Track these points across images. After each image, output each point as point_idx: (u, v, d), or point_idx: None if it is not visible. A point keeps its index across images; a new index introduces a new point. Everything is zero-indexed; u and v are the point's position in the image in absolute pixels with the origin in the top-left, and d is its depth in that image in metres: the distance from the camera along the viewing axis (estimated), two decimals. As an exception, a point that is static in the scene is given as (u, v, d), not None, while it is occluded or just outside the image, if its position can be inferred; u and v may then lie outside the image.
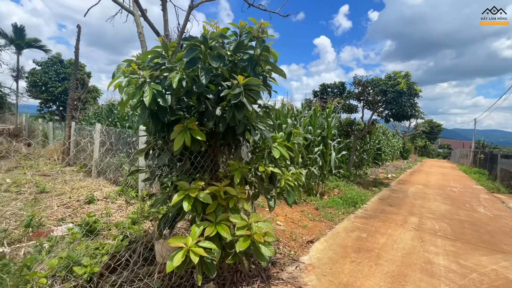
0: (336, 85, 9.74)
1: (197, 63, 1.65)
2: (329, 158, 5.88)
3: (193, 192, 1.79)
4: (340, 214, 4.78)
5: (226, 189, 1.94)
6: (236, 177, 2.02)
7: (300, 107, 7.16)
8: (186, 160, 2.13)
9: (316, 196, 5.79)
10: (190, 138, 1.83)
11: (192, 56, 1.60)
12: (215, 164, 2.38)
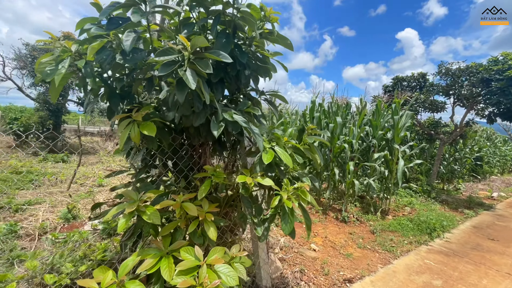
0: (415, 77, 7.87)
1: (118, 25, 1.14)
2: (395, 168, 4.57)
3: (131, 206, 1.29)
4: (405, 244, 3.54)
5: (184, 205, 1.37)
6: (203, 189, 1.43)
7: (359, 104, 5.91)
8: (158, 161, 1.66)
9: (376, 214, 4.57)
10: (139, 133, 1.35)
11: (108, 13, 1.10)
12: (200, 169, 1.84)
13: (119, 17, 1.15)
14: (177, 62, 1.09)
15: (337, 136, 4.50)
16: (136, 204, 1.30)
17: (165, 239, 1.40)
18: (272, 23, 1.59)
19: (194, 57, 1.13)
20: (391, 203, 5.31)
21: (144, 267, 1.22)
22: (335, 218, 4.35)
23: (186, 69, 1.08)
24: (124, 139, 1.34)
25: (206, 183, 1.46)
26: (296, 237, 3.49)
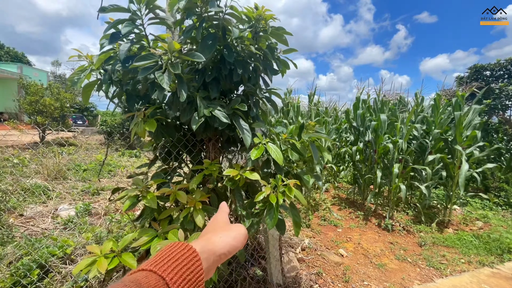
0: (501, 65, 6.46)
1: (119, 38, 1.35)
2: (458, 172, 3.87)
3: (134, 191, 1.52)
4: (461, 263, 2.99)
5: (177, 193, 1.53)
6: (194, 180, 1.56)
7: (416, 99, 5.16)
8: (161, 153, 1.89)
9: (431, 226, 3.97)
10: (144, 129, 1.58)
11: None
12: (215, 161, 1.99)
13: (119, 32, 1.37)
14: (157, 65, 1.25)
15: (382, 135, 4.09)
16: (139, 190, 1.53)
17: (163, 223, 1.59)
18: (266, 20, 1.63)
19: (173, 60, 1.27)
20: (457, 215, 4.52)
21: (138, 243, 1.42)
22: (377, 225, 3.97)
23: (164, 71, 1.22)
24: (133, 134, 1.59)
25: (199, 175, 1.60)
26: (326, 241, 3.34)
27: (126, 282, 0.31)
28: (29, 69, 23.65)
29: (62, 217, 3.57)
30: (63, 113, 9.91)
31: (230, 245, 0.43)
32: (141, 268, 0.35)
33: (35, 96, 9.01)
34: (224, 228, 0.47)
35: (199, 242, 0.42)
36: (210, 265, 0.40)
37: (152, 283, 0.32)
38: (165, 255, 0.37)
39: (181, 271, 0.35)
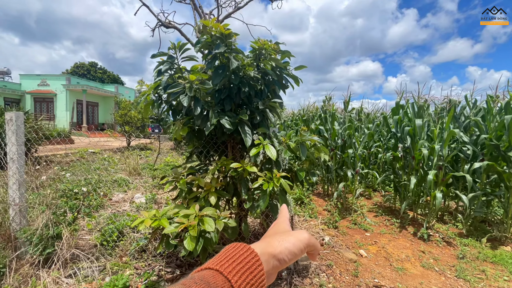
0: None
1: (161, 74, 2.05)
2: (513, 183, 3.46)
3: (171, 178, 2.18)
4: (503, 280, 2.76)
5: (199, 180, 2.12)
6: (211, 170, 2.13)
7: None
8: (194, 152, 2.53)
9: (480, 240, 3.62)
10: (179, 134, 2.24)
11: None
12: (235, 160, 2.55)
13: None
14: (183, 90, 1.87)
15: (418, 140, 3.97)
16: (175, 177, 2.18)
17: (190, 201, 2.20)
18: (267, 49, 2.11)
19: (193, 86, 1.87)
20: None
21: (171, 212, 2.06)
22: (413, 234, 3.84)
23: (186, 94, 1.84)
24: (173, 137, 2.27)
25: (214, 167, 2.16)
26: (349, 242, 3.49)
27: (196, 280, 0.32)
28: (122, 88, 29.05)
29: (136, 203, 4.64)
30: (143, 123, 12.13)
31: (289, 251, 0.42)
32: (208, 266, 0.36)
33: (125, 110, 11.34)
34: (284, 233, 0.46)
35: (259, 245, 0.41)
36: (270, 269, 0.40)
37: (219, 284, 0.33)
38: (229, 255, 0.37)
39: (244, 275, 0.35)
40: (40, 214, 2.47)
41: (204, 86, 1.83)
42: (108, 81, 34.89)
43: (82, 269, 2.40)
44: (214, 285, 0.32)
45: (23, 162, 2.63)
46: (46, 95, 23.01)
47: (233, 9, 8.83)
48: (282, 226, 0.50)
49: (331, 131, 4.94)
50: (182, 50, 2.00)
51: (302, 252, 0.44)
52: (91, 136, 17.76)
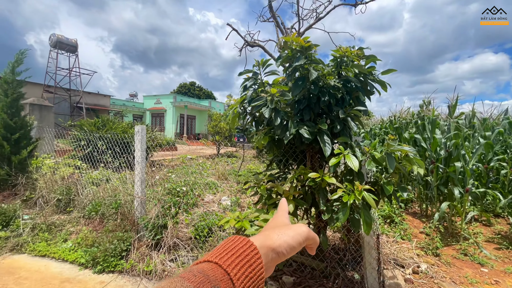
0: None
1: (247, 89, 2.25)
2: None
3: (253, 183, 2.35)
4: None
5: (277, 187, 2.20)
6: (289, 178, 2.18)
7: None
8: (275, 161, 2.65)
9: None
10: (261, 143, 2.42)
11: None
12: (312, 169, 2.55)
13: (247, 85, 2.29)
14: (264, 103, 2.02)
15: None
16: (256, 183, 2.35)
17: (269, 207, 2.31)
18: (349, 57, 2.05)
19: (274, 99, 2.00)
20: None
21: (252, 216, 2.22)
22: (562, 280, 2.82)
23: (267, 106, 1.98)
24: (255, 146, 2.46)
25: (292, 176, 2.20)
26: (455, 275, 2.86)
27: (195, 272, 0.32)
28: (214, 102, 33.00)
29: (223, 204, 5.15)
30: (230, 133, 13.41)
31: (288, 244, 0.42)
32: (207, 259, 0.36)
33: (215, 122, 12.86)
34: (283, 226, 0.46)
35: (259, 238, 0.42)
36: (268, 261, 0.40)
37: (218, 277, 0.33)
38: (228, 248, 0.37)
39: (243, 268, 0.35)
40: (153, 206, 3.08)
41: (284, 97, 1.93)
42: (203, 97, 40.33)
43: (180, 256, 2.85)
44: (213, 278, 0.33)
45: (144, 165, 3.37)
46: (159, 111, 28.56)
47: (314, 20, 8.86)
48: (281, 220, 0.51)
49: (430, 140, 4.22)
50: (265, 66, 2.17)
51: (300, 246, 0.44)
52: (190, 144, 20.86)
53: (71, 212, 3.71)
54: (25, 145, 4.15)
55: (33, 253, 2.78)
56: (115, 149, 5.45)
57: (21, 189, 3.98)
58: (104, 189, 3.86)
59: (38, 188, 3.98)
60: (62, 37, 20.50)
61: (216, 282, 0.32)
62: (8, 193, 3.94)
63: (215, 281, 0.32)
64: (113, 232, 3.03)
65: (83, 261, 2.64)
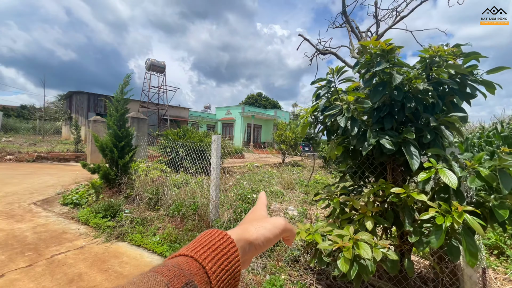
0: None
1: (320, 97, 2.17)
2: None
3: (324, 195, 2.24)
4: None
5: (353, 201, 2.03)
6: (366, 193, 1.99)
7: None
8: (348, 172, 2.48)
9: None
10: (334, 153, 2.31)
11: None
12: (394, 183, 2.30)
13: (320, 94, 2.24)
14: (340, 112, 1.93)
15: None
16: (328, 195, 2.25)
17: (343, 222, 2.16)
18: (441, 56, 1.79)
19: (351, 106, 1.89)
20: None
21: (324, 230, 2.11)
22: None
23: (343, 115, 1.88)
24: (328, 156, 2.37)
25: (370, 190, 2.01)
26: None
27: (169, 266, 0.32)
28: (279, 111, 33.51)
29: (289, 214, 5.10)
30: (296, 142, 13.32)
31: (265, 237, 0.43)
32: (182, 253, 0.35)
33: (281, 131, 13.00)
34: (261, 219, 0.47)
35: (236, 231, 0.42)
36: (246, 254, 0.40)
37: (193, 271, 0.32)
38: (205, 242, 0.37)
39: (220, 261, 0.35)
40: (226, 210, 3.28)
41: (361, 105, 1.80)
42: (269, 107, 41.45)
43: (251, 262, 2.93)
44: (188, 272, 0.32)
45: (219, 171, 3.64)
46: (229, 121, 30.69)
47: (393, 21, 8.06)
48: (259, 213, 0.50)
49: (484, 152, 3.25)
50: (339, 73, 2.09)
51: (277, 238, 0.45)
52: (256, 152, 21.64)
53: (158, 210, 4.28)
54: (127, 151, 5.05)
55: (131, 242, 3.31)
56: (193, 155, 6.08)
57: (124, 188, 4.83)
58: (185, 192, 4.32)
59: (135, 188, 4.75)
60: (154, 61, 24.46)
61: (191, 276, 0.32)
62: (115, 190, 4.84)
63: (190, 275, 0.32)
64: (191, 232, 3.35)
65: (168, 254, 2.99)
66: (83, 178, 6.99)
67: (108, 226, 3.63)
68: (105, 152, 4.92)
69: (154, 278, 0.29)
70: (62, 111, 26.32)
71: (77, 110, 23.68)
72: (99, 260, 2.82)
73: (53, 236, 3.41)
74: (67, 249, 3.05)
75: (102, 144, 4.92)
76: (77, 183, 6.48)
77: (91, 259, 2.85)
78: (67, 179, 7.00)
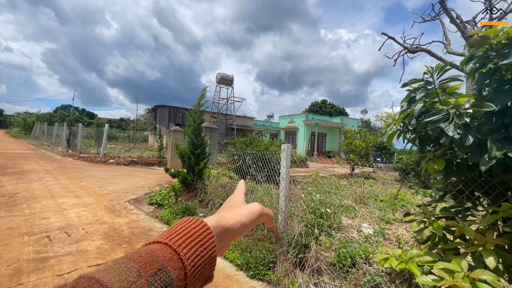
0: None
1: (414, 101, 1.83)
2: None
3: (420, 217, 1.88)
4: None
5: (463, 228, 1.61)
6: (486, 220, 1.55)
7: None
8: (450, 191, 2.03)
9: None
10: (432, 167, 1.94)
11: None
12: None
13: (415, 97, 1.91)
14: (444, 117, 1.60)
15: None
16: (425, 217, 1.88)
17: (448, 252, 1.76)
18: None
19: (461, 111, 1.54)
20: None
21: (422, 259, 1.75)
22: None
23: (451, 122, 1.55)
24: (423, 170, 2.01)
25: (491, 216, 1.57)
26: None
27: (142, 253, 0.31)
28: (346, 119, 31.62)
29: (364, 232, 4.59)
30: (367, 152, 12.19)
31: (241, 223, 0.44)
32: (156, 240, 0.35)
33: (350, 139, 12.11)
34: (238, 206, 0.48)
35: (213, 218, 0.42)
36: (223, 240, 0.41)
37: (167, 257, 0.32)
38: (180, 229, 0.37)
39: (195, 247, 0.35)
40: (296, 224, 3.13)
41: (480, 108, 1.44)
42: (335, 114, 39.56)
43: (323, 283, 2.69)
44: (162, 258, 0.32)
45: (289, 181, 3.54)
46: (292, 130, 30.53)
47: (508, 5, 6.55)
48: (237, 200, 0.52)
49: None
50: (441, 71, 1.74)
51: (254, 223, 0.46)
52: (320, 161, 20.76)
53: (228, 215, 4.43)
54: (202, 158, 5.46)
55: (205, 245, 3.48)
56: (259, 163, 6.17)
57: (199, 192, 5.21)
58: (254, 200, 4.36)
59: (208, 193, 5.06)
60: (224, 74, 26.46)
61: (164, 262, 0.31)
62: (191, 194, 5.26)
63: (164, 261, 0.31)
64: (261, 242, 3.31)
65: (239, 262, 3.02)
66: (165, 181, 7.90)
67: (185, 228, 3.93)
68: (183, 159, 5.43)
69: (125, 265, 0.29)
70: (149, 122, 30.84)
71: (160, 121, 27.37)
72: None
73: (142, 232, 3.88)
74: (153, 245, 3.41)
75: (182, 152, 5.44)
76: (159, 185, 7.35)
77: (172, 257, 3.10)
78: (152, 182, 8.02)
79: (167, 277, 0.30)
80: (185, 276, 0.33)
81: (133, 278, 0.28)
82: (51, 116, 33.42)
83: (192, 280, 0.34)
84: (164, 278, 0.30)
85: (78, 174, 8.66)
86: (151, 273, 0.29)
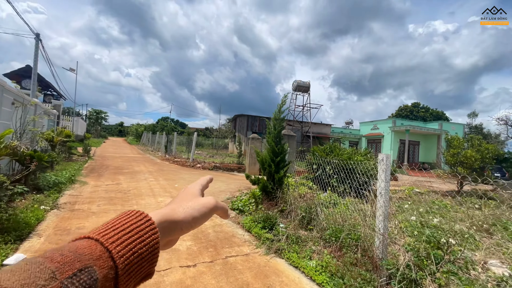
0: None
1: None
2: None
3: None
4: None
5: None
6: None
7: None
8: None
9: None
10: None
11: None
12: None
13: None
14: None
15: None
16: None
17: None
18: None
19: None
20: None
21: None
22: None
23: None
24: None
25: None
26: None
27: (64, 251, 0.28)
28: (446, 124, 26.43)
29: (493, 272, 3.46)
30: (483, 165, 9.65)
31: (193, 217, 0.42)
32: (87, 235, 0.31)
33: (457, 149, 9.85)
34: (190, 199, 0.45)
35: (161, 212, 0.40)
36: (171, 235, 0.39)
37: (95, 255, 0.29)
38: (118, 224, 0.33)
39: (132, 244, 0.32)
40: (402, 251, 2.54)
41: None
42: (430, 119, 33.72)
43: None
44: (88, 257, 0.28)
45: (388, 197, 2.96)
46: (375, 137, 27.51)
47: None
48: (191, 191, 0.49)
49: None
50: None
51: (205, 217, 0.44)
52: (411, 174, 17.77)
53: (311, 230, 4.08)
54: (282, 166, 5.32)
55: (288, 261, 3.24)
56: (341, 174, 5.58)
57: (279, 201, 5.05)
58: (342, 216, 3.89)
59: (289, 203, 4.84)
60: (300, 81, 26.26)
61: (90, 261, 0.28)
62: (271, 203, 5.16)
63: (90, 260, 0.28)
64: (354, 266, 2.84)
65: (328, 287, 2.65)
66: (244, 187, 8.14)
67: (267, 238, 3.80)
68: (264, 166, 5.40)
69: (38, 266, 0.25)
70: (229, 131, 33.34)
71: (239, 129, 29.18)
72: (262, 274, 2.89)
73: (226, 238, 3.95)
74: (236, 254, 3.39)
75: (262, 159, 5.43)
76: (239, 190, 7.60)
77: (255, 269, 2.99)
78: (232, 187, 8.39)
79: (88, 278, 0.27)
80: (116, 275, 0.30)
81: (43, 281, 0.24)
82: (154, 126, 40.52)
83: (125, 279, 0.31)
84: (85, 279, 0.26)
85: (172, 176, 9.90)
86: (69, 274, 0.26)
